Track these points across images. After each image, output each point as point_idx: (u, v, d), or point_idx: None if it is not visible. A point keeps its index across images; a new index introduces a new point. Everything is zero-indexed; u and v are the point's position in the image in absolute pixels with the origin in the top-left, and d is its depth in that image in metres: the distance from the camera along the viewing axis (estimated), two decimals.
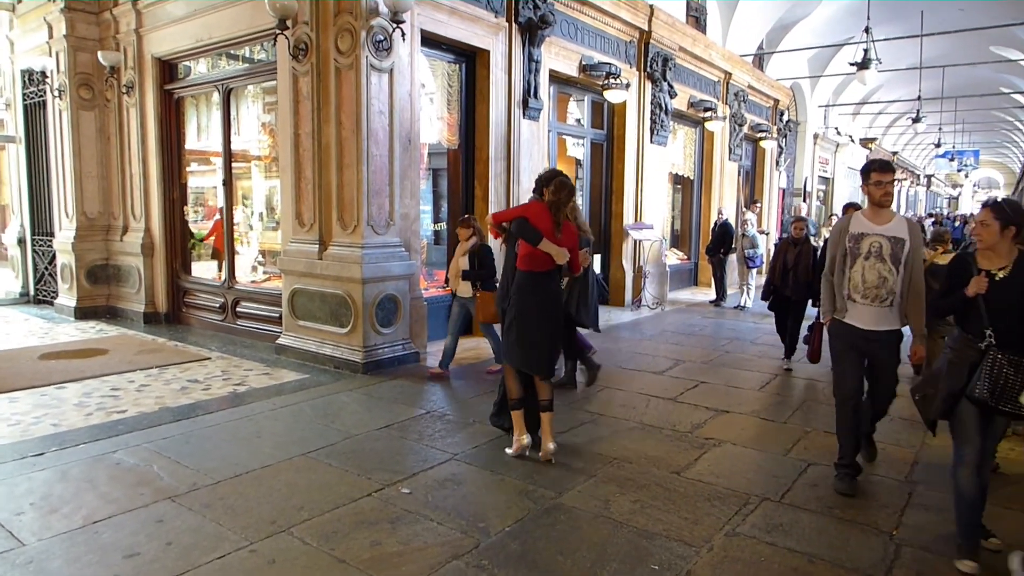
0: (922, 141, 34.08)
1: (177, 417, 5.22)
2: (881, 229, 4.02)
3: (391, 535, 3.41)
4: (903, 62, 17.65)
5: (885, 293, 4.00)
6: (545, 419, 4.49)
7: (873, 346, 4.09)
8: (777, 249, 7.35)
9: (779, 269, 7.13)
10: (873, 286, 4.01)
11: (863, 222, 4.09)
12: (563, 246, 4.44)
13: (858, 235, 4.06)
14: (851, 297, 4.09)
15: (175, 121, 9.21)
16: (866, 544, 3.49)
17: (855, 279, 4.06)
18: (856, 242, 4.06)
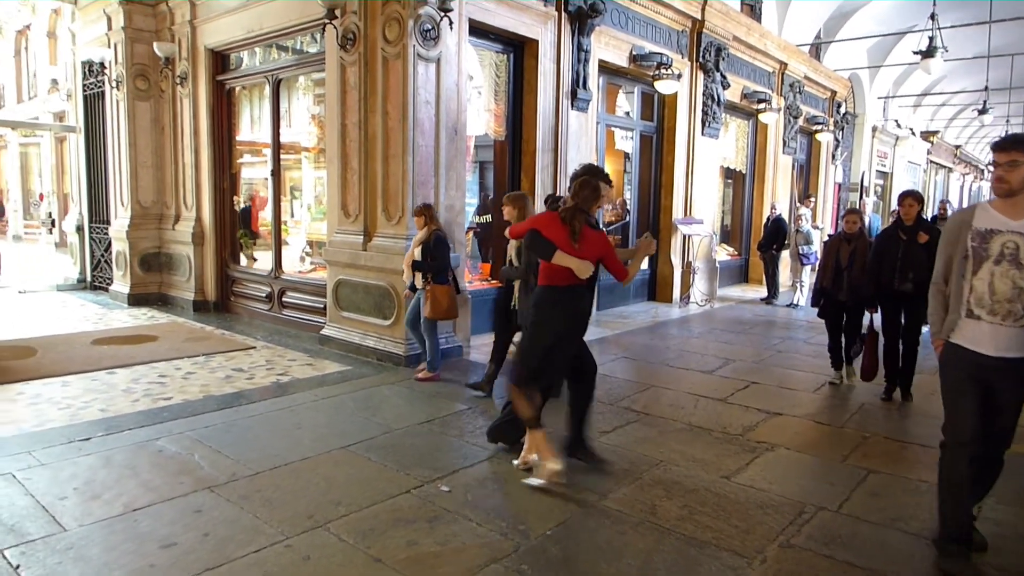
0: (988, 134, 32.52)
1: (220, 406, 5.23)
2: (1018, 225, 3.09)
3: (429, 535, 3.30)
4: (969, 51, 16.80)
5: (1021, 308, 3.08)
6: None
7: (998, 376, 3.15)
8: (827, 247, 6.34)
9: (830, 270, 6.19)
10: (1005, 299, 3.09)
11: (993, 216, 3.16)
12: (585, 257, 3.85)
13: (986, 232, 3.14)
14: (973, 313, 3.19)
15: (226, 112, 9.30)
16: (933, 561, 3.23)
17: (979, 289, 3.16)
18: (983, 241, 3.15)
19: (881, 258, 5.67)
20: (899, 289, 5.58)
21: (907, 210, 5.61)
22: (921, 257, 5.42)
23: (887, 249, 5.65)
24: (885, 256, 5.66)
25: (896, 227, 5.72)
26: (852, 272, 6.02)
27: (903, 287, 5.55)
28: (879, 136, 20.74)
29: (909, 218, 5.60)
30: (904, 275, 5.55)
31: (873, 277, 5.70)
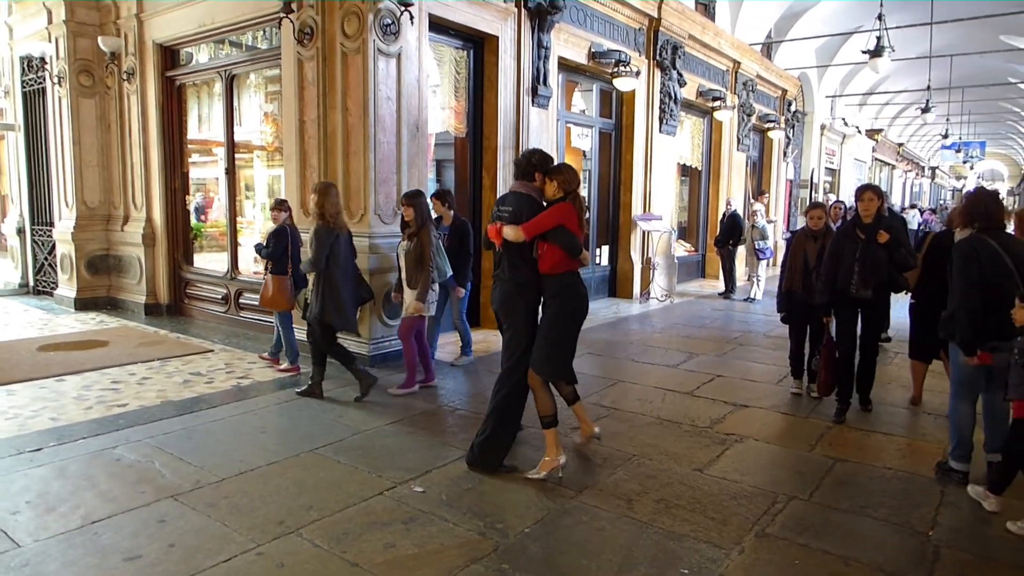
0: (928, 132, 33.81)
1: (179, 411, 5.05)
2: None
3: (405, 536, 3.23)
4: (912, 51, 17.39)
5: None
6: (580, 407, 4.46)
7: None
8: (792, 246, 5.74)
9: (798, 271, 5.59)
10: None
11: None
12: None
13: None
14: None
15: (177, 109, 9.00)
16: (903, 546, 3.32)
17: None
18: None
19: (837, 260, 5.05)
20: (857, 295, 5.02)
21: (866, 205, 4.99)
22: (881, 259, 4.94)
23: (844, 251, 5.03)
24: (842, 258, 5.04)
25: (854, 225, 5.08)
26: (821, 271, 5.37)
27: (862, 293, 5.00)
28: (827, 134, 21.32)
29: (868, 215, 4.99)
30: (864, 280, 4.97)
31: (828, 282, 5.09)
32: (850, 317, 5.15)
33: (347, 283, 5.36)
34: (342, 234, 5.33)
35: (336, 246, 5.24)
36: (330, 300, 5.25)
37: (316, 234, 5.19)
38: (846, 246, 5.06)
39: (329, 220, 5.22)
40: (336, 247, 5.24)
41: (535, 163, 4.04)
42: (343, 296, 5.30)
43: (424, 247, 5.36)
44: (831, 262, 5.10)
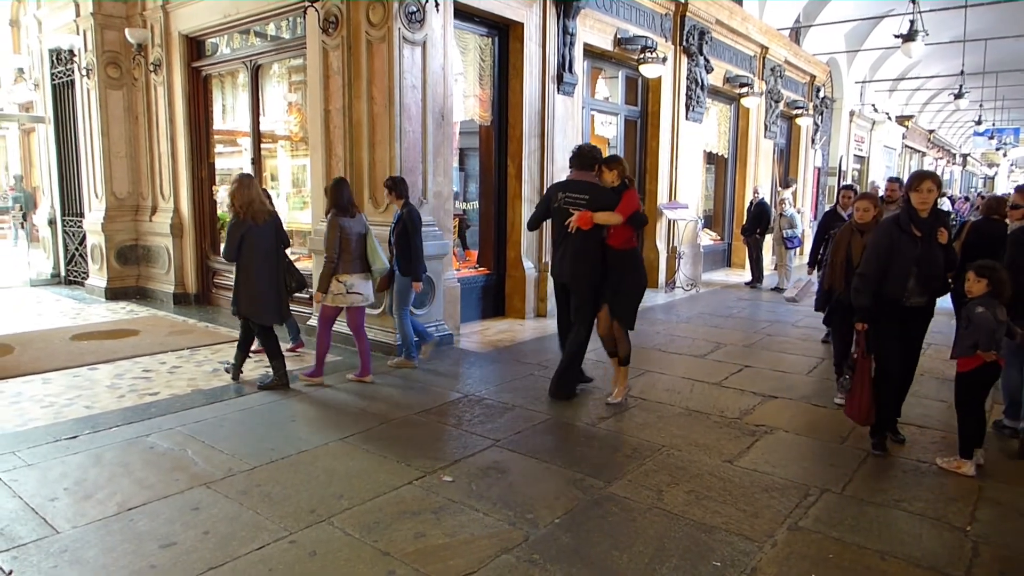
0: (959, 119, 33.05)
1: (210, 400, 5.11)
2: None
3: (436, 526, 3.24)
4: (945, 35, 16.98)
5: None
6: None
7: None
8: (836, 240, 5.14)
9: (840, 267, 4.98)
10: None
11: None
12: None
13: None
14: None
15: (203, 99, 9.08)
16: (940, 541, 3.25)
17: None
18: None
19: (887, 260, 4.13)
20: (909, 303, 4.18)
21: (924, 197, 4.06)
22: (941, 261, 4.19)
23: (899, 250, 4.13)
24: (894, 258, 4.13)
25: (909, 219, 4.12)
26: None
27: (915, 301, 4.18)
28: (856, 121, 20.94)
29: (926, 208, 4.09)
30: (923, 286, 4.14)
31: (870, 283, 4.17)
32: (896, 330, 4.25)
33: (263, 273, 5.29)
34: (257, 225, 5.22)
35: (250, 236, 5.19)
36: (243, 291, 5.29)
37: (228, 227, 5.25)
38: (902, 245, 4.12)
39: (239, 212, 5.19)
40: (250, 237, 5.19)
41: (596, 156, 4.99)
42: (257, 287, 5.28)
43: (327, 235, 5.33)
44: (877, 261, 4.18)
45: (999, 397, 4.87)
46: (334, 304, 5.45)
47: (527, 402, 5.15)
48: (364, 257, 5.47)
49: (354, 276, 5.41)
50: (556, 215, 5.00)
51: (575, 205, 4.85)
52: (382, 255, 5.56)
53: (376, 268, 5.51)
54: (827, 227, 6.77)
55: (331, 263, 5.30)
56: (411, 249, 5.73)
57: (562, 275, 5.11)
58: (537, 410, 4.97)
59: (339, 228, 5.31)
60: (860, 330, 4.29)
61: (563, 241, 4.96)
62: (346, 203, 5.40)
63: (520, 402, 5.14)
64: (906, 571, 2.98)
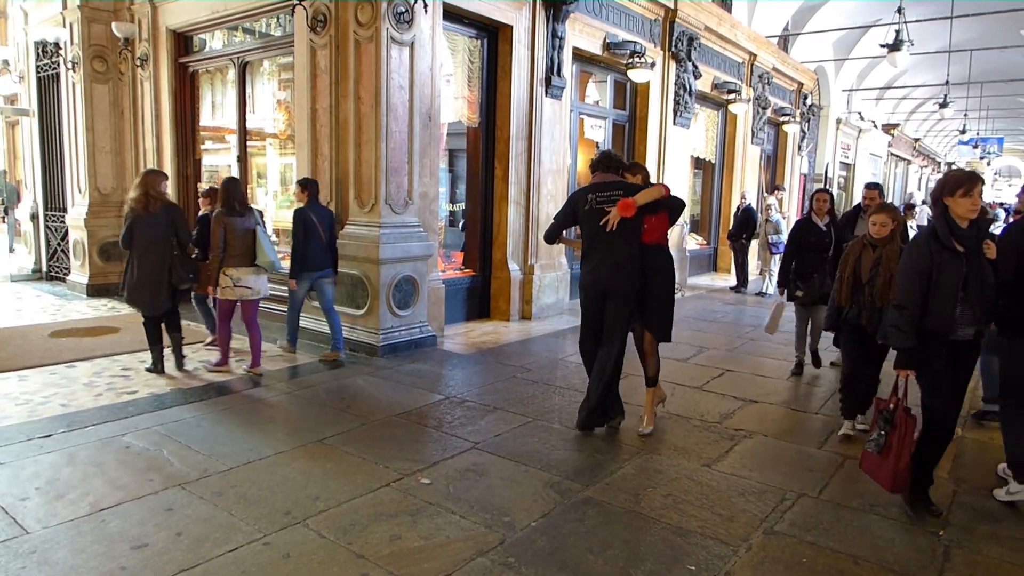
0: (944, 128, 33.38)
1: (189, 399, 5.07)
2: None
3: (412, 529, 3.22)
4: (931, 45, 17.15)
5: None
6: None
7: None
8: (845, 253, 4.59)
9: (847, 283, 4.46)
10: None
11: None
12: None
13: None
14: None
15: (189, 96, 9.02)
16: (913, 545, 3.27)
17: None
18: None
19: (927, 283, 3.37)
20: (959, 337, 3.45)
21: (974, 203, 3.34)
22: (991, 282, 3.47)
23: (942, 271, 3.36)
24: (940, 283, 3.35)
25: (948, 231, 3.37)
26: (875, 288, 4.31)
27: (964, 333, 3.46)
28: (843, 128, 21.09)
29: (966, 218, 3.38)
30: (975, 314, 3.42)
31: (914, 317, 3.39)
32: (946, 371, 3.48)
33: (145, 263, 5.50)
34: (147, 215, 5.44)
35: (138, 226, 5.43)
36: (127, 278, 5.57)
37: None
38: (945, 265, 3.36)
39: (129, 203, 5.55)
40: (138, 227, 5.44)
41: (621, 161, 4.73)
42: (138, 276, 5.50)
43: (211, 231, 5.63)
44: (918, 287, 3.38)
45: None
46: (223, 297, 5.69)
47: (509, 405, 5.14)
48: (253, 252, 5.68)
49: (240, 270, 5.63)
50: (587, 219, 4.46)
51: (610, 202, 4.37)
52: (267, 251, 5.70)
53: (260, 262, 5.69)
54: (799, 239, 6.04)
55: (216, 258, 5.58)
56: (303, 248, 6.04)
57: (603, 282, 4.46)
58: (518, 413, 4.96)
59: (222, 224, 5.57)
60: (904, 380, 3.49)
61: (599, 245, 4.45)
62: (233, 202, 5.62)
63: (502, 404, 5.13)
64: (879, 575, 3.00)
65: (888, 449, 3.52)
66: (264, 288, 5.83)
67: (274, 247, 5.88)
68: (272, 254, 5.71)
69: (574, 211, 4.59)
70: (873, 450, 3.58)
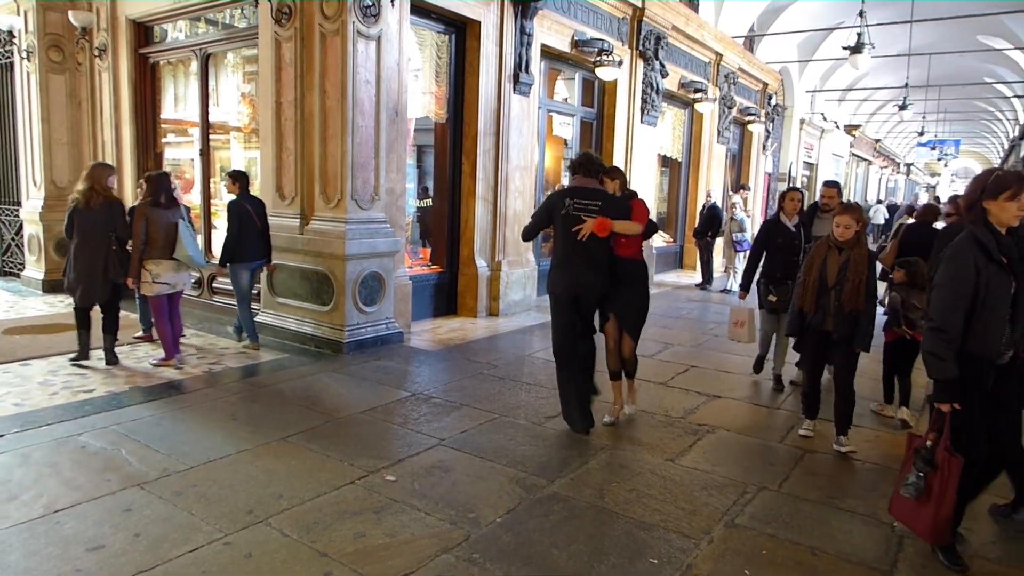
0: (904, 129, 34.20)
1: (148, 398, 4.97)
2: None
3: (376, 526, 3.21)
4: (891, 49, 17.56)
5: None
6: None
7: None
8: (810, 256, 4.48)
9: (812, 288, 4.35)
10: None
11: None
12: None
13: None
14: None
15: (150, 87, 8.83)
16: (869, 536, 3.36)
17: None
18: None
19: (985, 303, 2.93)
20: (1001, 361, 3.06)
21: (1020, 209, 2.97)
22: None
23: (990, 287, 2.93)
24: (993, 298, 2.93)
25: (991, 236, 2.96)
26: (843, 292, 4.22)
27: (1006, 356, 3.07)
28: (806, 128, 21.49)
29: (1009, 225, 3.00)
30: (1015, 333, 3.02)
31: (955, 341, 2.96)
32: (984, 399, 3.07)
33: (80, 256, 5.56)
34: (87, 209, 5.51)
35: (78, 219, 5.52)
36: (68, 270, 5.64)
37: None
38: (994, 280, 2.93)
39: (73, 195, 5.63)
40: (78, 220, 5.52)
41: (602, 164, 4.81)
42: (75, 268, 5.59)
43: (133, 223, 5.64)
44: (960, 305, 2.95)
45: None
46: (143, 292, 5.75)
47: (475, 401, 5.14)
48: (172, 246, 5.68)
49: (161, 264, 5.66)
50: (564, 222, 4.53)
51: (587, 212, 4.48)
52: (188, 246, 5.70)
53: (179, 256, 5.69)
54: (767, 240, 5.77)
55: (136, 250, 5.57)
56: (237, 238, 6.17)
57: (577, 286, 4.58)
58: (485, 409, 4.97)
59: (144, 216, 5.56)
60: (946, 412, 3.02)
61: (571, 250, 4.53)
62: (160, 195, 5.64)
63: (468, 401, 5.13)
64: (835, 566, 3.07)
65: (928, 494, 3.05)
66: (185, 283, 5.92)
67: (196, 242, 5.93)
68: (192, 249, 5.74)
69: (551, 213, 4.64)
70: (912, 495, 3.10)
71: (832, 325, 4.28)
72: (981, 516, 3.54)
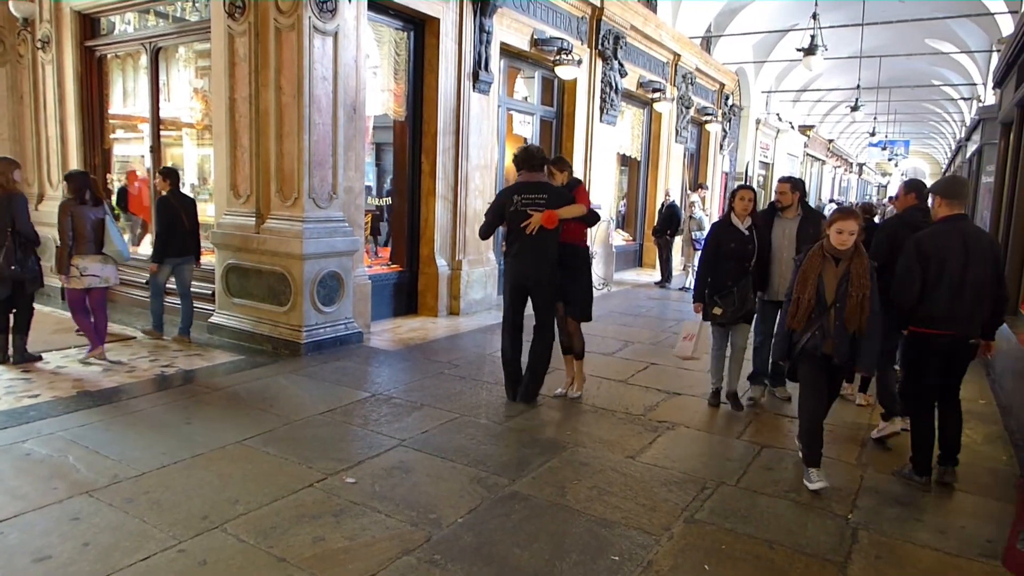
0: (856, 130, 35.13)
1: (97, 402, 4.83)
2: None
3: (335, 529, 3.18)
4: (844, 51, 18.02)
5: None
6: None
7: None
8: (803, 267, 3.84)
9: (806, 306, 3.80)
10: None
11: None
12: None
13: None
14: None
15: (97, 82, 8.58)
16: (823, 529, 3.45)
17: None
18: None
19: None
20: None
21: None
22: None
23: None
24: None
25: None
26: (845, 311, 3.71)
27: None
28: (762, 128, 21.93)
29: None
30: None
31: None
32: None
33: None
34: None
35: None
36: None
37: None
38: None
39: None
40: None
41: (544, 157, 5.04)
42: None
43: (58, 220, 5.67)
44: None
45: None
46: (71, 287, 5.75)
47: (436, 401, 5.13)
48: (102, 241, 5.78)
49: (88, 259, 5.71)
50: (513, 218, 4.88)
51: (534, 206, 4.81)
52: (116, 240, 5.81)
53: (108, 251, 5.79)
54: (718, 243, 5.06)
55: (64, 247, 5.62)
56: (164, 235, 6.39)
57: (525, 277, 4.95)
58: (445, 409, 4.96)
59: (69, 213, 5.63)
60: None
61: (521, 244, 4.89)
62: (84, 192, 5.70)
63: (429, 401, 5.11)
64: (791, 558, 3.15)
65: None
66: (113, 277, 5.94)
67: (123, 238, 6.06)
68: (120, 244, 5.85)
69: (501, 210, 4.97)
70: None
71: (832, 348, 3.77)
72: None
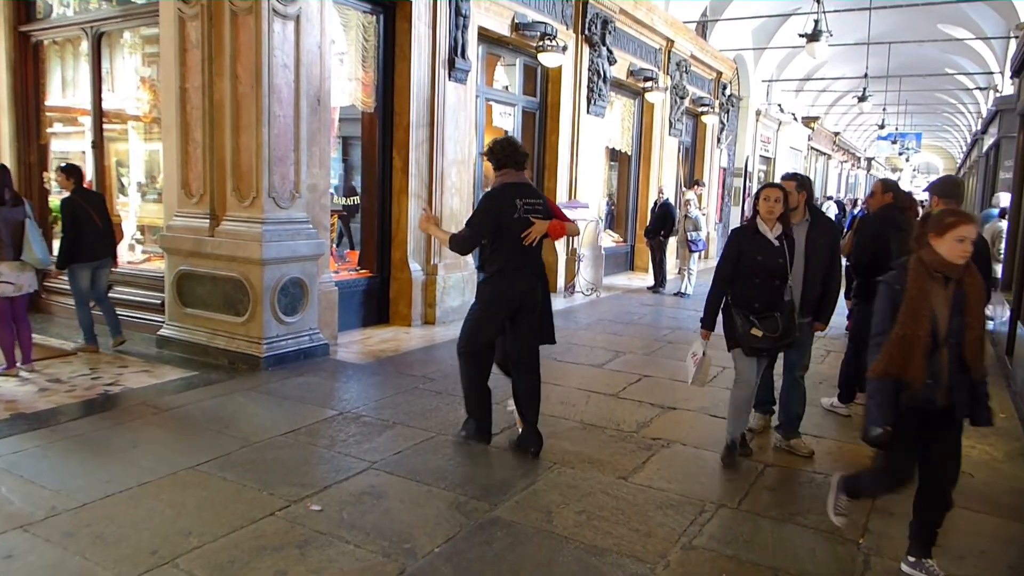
0: (864, 122, 35.60)
1: (33, 426, 4.76)
2: None
3: (300, 562, 3.16)
4: (850, 37, 18.25)
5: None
6: None
7: None
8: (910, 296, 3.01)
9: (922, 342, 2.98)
10: None
11: None
12: None
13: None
14: None
15: (33, 70, 8.51)
16: (833, 554, 3.49)
17: None
18: None
19: None
20: None
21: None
22: None
23: None
24: None
25: None
26: (963, 347, 3.02)
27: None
28: (763, 120, 22.15)
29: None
30: None
31: None
32: None
33: None
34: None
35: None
36: None
37: None
38: None
39: None
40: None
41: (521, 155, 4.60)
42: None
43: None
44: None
45: None
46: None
47: (410, 419, 5.11)
48: (21, 246, 5.70)
49: (2, 265, 5.66)
50: (515, 226, 4.39)
51: (534, 213, 4.44)
52: (35, 245, 5.75)
53: (27, 258, 5.73)
54: (739, 254, 4.36)
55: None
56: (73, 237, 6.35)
57: (524, 294, 4.50)
58: (420, 427, 4.95)
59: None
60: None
61: (518, 255, 4.45)
62: (3, 191, 5.63)
63: (402, 419, 5.10)
64: None
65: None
66: (30, 284, 5.91)
67: (43, 242, 5.97)
68: (40, 250, 5.79)
69: (499, 216, 4.41)
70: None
71: (946, 398, 3.04)
72: None
